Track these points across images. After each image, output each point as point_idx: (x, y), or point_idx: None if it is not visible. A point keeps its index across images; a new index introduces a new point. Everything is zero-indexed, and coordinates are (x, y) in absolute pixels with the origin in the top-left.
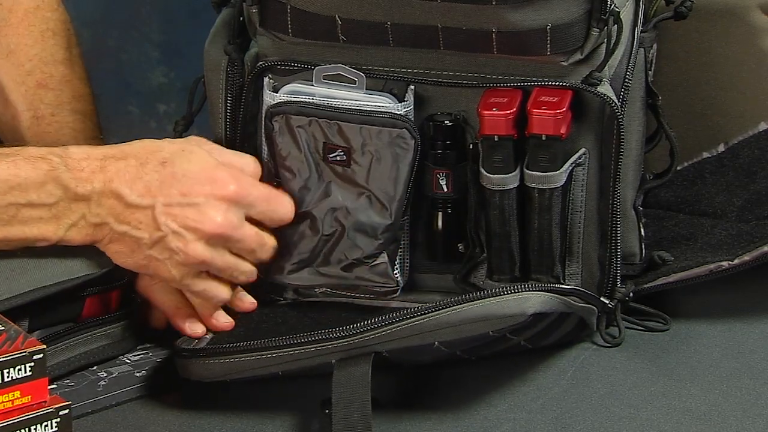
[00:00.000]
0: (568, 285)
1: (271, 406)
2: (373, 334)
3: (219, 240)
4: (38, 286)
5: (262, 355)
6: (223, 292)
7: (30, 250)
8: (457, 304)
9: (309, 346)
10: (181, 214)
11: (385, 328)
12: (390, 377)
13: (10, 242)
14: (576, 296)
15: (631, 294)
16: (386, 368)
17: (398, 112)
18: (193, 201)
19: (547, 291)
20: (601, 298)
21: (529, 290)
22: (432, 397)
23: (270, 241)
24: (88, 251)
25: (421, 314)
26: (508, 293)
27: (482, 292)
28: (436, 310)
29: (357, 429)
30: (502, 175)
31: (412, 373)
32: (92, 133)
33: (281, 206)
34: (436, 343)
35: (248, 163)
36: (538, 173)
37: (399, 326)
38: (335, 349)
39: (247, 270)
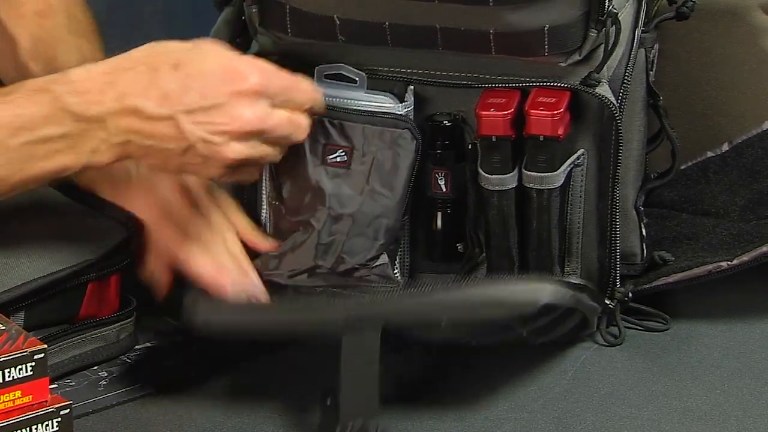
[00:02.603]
0: (579, 280)
1: (271, 405)
2: (383, 303)
3: (251, 135)
4: (29, 279)
5: (268, 312)
6: (255, 175)
7: (19, 245)
8: (472, 286)
9: (316, 309)
10: (205, 120)
11: (397, 300)
12: (391, 376)
13: (33, 181)
14: (585, 293)
15: (631, 294)
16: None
17: (400, 113)
18: (216, 102)
19: (560, 284)
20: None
21: (543, 281)
22: (434, 396)
23: (304, 122)
24: (80, 240)
25: (436, 291)
26: (522, 281)
27: (498, 277)
28: (450, 288)
29: (364, 402)
30: (500, 176)
31: (414, 372)
32: (90, 54)
33: (303, 92)
34: (443, 321)
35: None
36: (536, 174)
37: (411, 300)
38: (344, 311)
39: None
